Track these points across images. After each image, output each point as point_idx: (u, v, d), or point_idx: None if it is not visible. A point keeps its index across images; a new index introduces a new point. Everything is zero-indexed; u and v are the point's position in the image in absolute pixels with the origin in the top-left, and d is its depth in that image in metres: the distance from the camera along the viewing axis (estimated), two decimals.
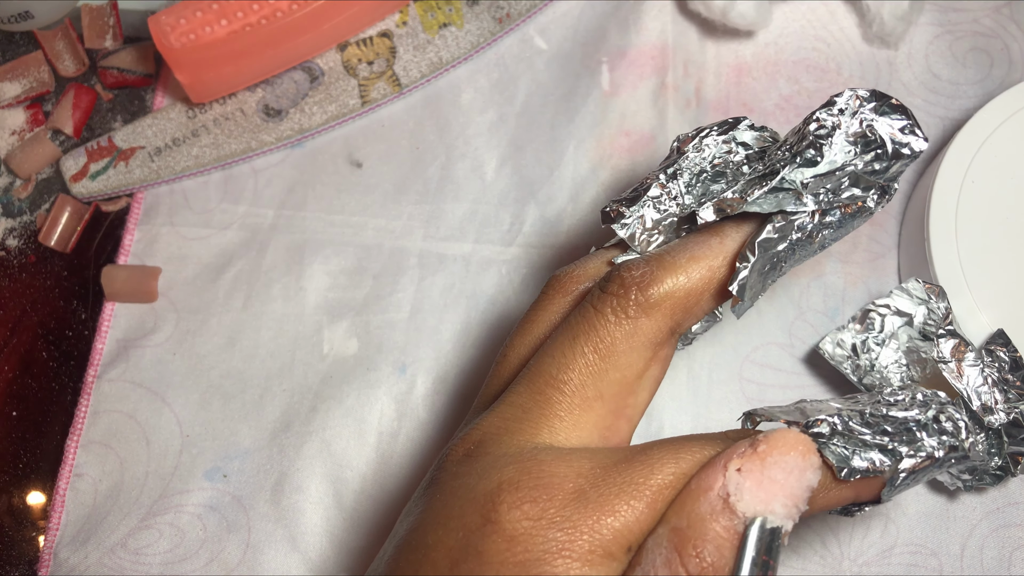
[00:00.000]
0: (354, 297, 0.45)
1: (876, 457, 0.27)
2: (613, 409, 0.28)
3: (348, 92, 0.48)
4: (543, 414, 0.28)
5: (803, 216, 0.30)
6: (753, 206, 0.29)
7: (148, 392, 0.44)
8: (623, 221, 0.32)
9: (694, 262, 0.29)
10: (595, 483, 0.25)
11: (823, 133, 0.29)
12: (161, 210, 0.47)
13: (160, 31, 0.44)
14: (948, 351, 0.37)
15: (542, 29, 0.49)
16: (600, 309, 0.28)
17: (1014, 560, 0.40)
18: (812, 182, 0.29)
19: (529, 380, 0.29)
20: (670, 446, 0.26)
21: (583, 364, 0.28)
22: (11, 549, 0.42)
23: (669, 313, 0.28)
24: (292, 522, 0.42)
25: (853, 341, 0.40)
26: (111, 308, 0.45)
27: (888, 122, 0.29)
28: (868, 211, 0.30)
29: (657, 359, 0.29)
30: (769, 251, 0.29)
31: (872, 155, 0.29)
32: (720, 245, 0.30)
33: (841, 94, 0.30)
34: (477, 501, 0.26)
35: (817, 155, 0.29)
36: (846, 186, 0.30)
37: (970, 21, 0.49)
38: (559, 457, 0.26)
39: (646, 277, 0.28)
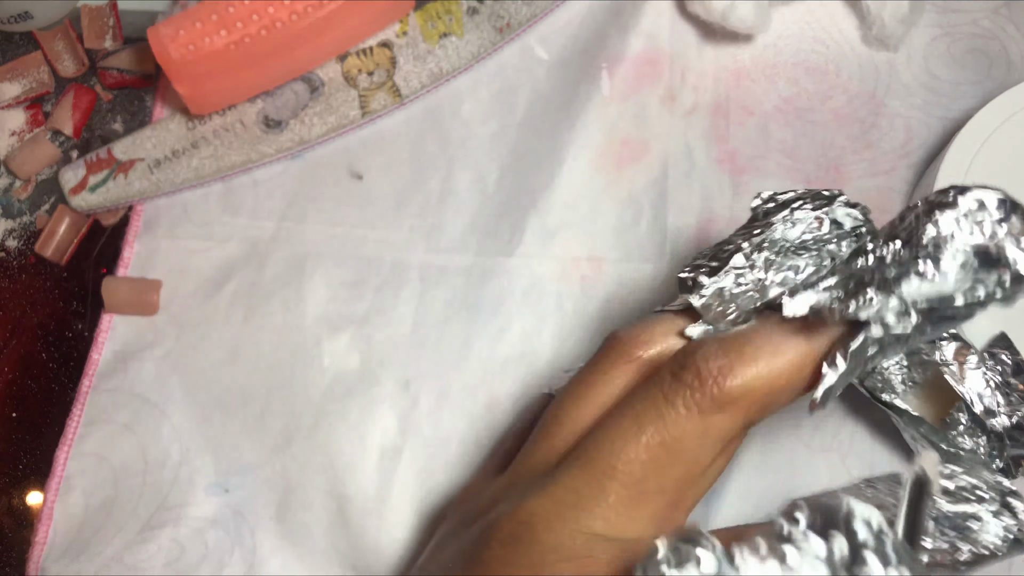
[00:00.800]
0: (355, 310, 0.45)
1: (936, 552, 0.26)
2: (671, 503, 0.27)
3: (348, 103, 0.48)
4: (597, 503, 0.26)
5: (906, 330, 0.26)
6: (857, 314, 0.26)
7: (147, 404, 0.44)
8: (701, 292, 0.30)
9: (778, 357, 0.27)
10: None
11: (940, 242, 0.26)
12: (161, 222, 0.47)
13: (159, 42, 0.44)
14: (951, 354, 0.37)
15: (543, 38, 0.49)
16: (671, 400, 0.27)
17: (1015, 559, 0.40)
18: (924, 302, 0.26)
19: (585, 463, 0.27)
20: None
21: (647, 458, 0.26)
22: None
23: (745, 410, 0.27)
24: (298, 539, 0.41)
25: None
26: (108, 319, 0.45)
27: (1016, 236, 0.26)
28: (968, 317, 0.27)
29: (724, 454, 0.28)
30: (860, 358, 0.27)
31: (995, 278, 0.26)
32: (807, 343, 0.27)
33: (965, 193, 0.26)
34: None
35: (934, 270, 0.26)
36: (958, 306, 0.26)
37: (968, 22, 0.49)
38: (612, 553, 0.25)
39: (724, 371, 0.26)
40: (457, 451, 0.43)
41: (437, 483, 0.42)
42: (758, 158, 0.47)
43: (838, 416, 0.43)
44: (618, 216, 0.46)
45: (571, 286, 0.45)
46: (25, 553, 0.42)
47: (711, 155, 0.47)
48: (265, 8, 0.44)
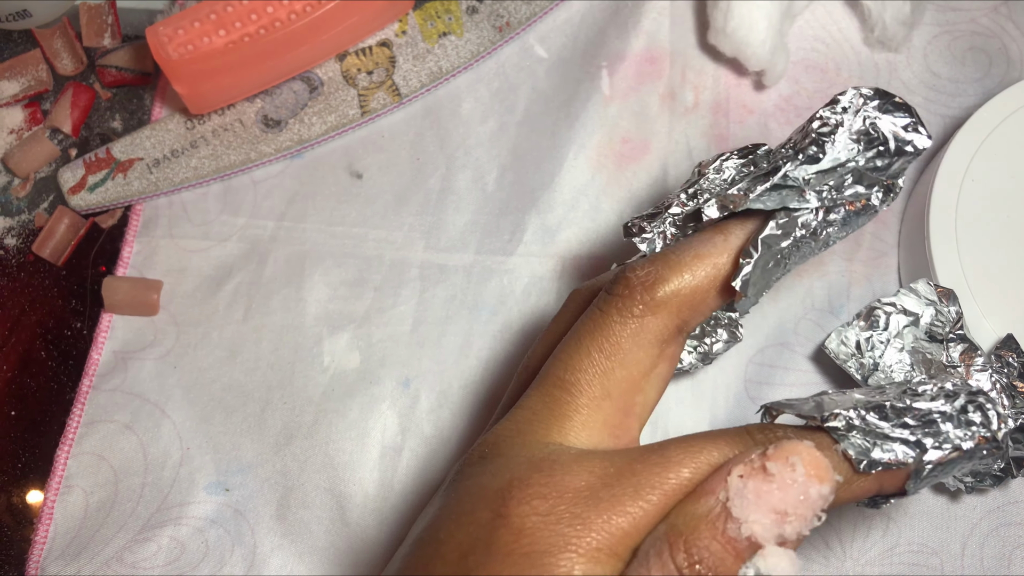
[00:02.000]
0: (355, 309, 0.45)
1: (899, 449, 0.27)
2: (622, 407, 0.28)
3: (348, 102, 0.47)
4: (553, 415, 0.28)
5: (806, 213, 0.30)
6: (756, 203, 0.29)
7: (147, 403, 0.44)
8: (644, 235, 0.33)
9: (699, 260, 0.29)
10: (608, 482, 0.25)
11: (826, 130, 0.30)
12: (160, 222, 0.47)
13: (158, 42, 0.44)
14: (957, 356, 0.37)
15: (542, 37, 0.49)
16: (605, 310, 0.29)
17: (1014, 559, 0.40)
18: (815, 178, 0.29)
19: (539, 383, 0.29)
20: (687, 447, 0.26)
21: (588, 364, 0.28)
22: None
23: (675, 311, 0.29)
24: (298, 537, 0.41)
25: (857, 338, 0.40)
26: (108, 319, 0.45)
27: (891, 120, 0.30)
28: (872, 209, 0.31)
29: (664, 357, 0.29)
30: (773, 247, 0.29)
31: (875, 152, 0.29)
32: (724, 242, 0.30)
33: (845, 92, 0.30)
34: (488, 498, 0.26)
35: (819, 152, 0.29)
36: (849, 183, 0.30)
37: (968, 21, 0.49)
38: (571, 456, 0.27)
39: (651, 276, 0.29)
40: (457, 449, 0.43)
41: (437, 481, 0.42)
42: None
43: None
44: (618, 215, 0.46)
45: (571, 285, 0.45)
46: (25, 551, 0.41)
47: (711, 153, 0.47)
48: (264, 8, 0.44)
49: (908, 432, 0.27)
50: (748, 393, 0.43)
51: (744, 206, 0.30)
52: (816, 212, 0.30)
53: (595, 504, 0.25)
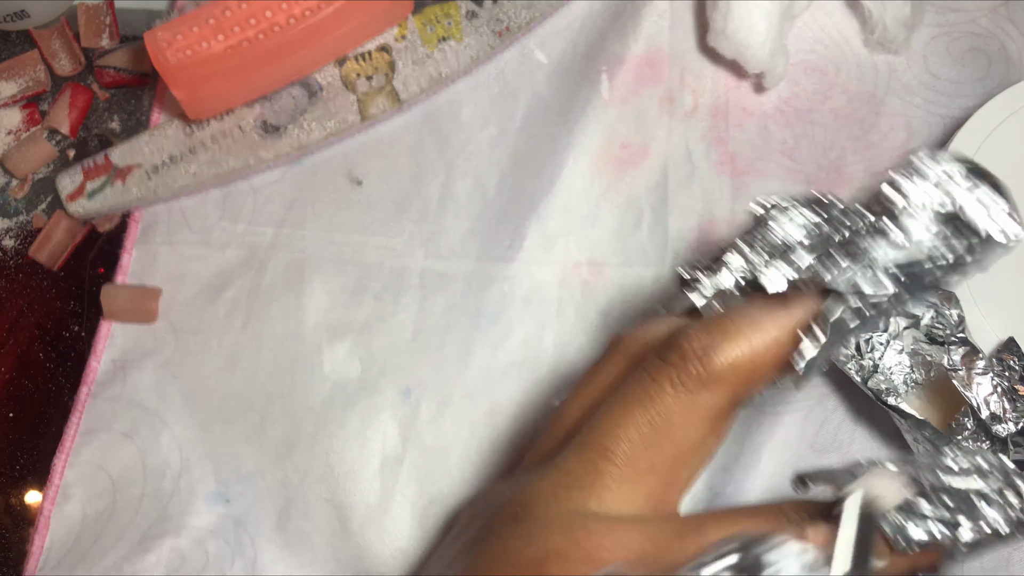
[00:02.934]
0: (355, 317, 0.45)
1: (935, 529, 0.26)
2: (666, 481, 0.27)
3: (347, 108, 0.47)
4: (593, 484, 0.27)
5: (882, 299, 0.28)
6: (831, 284, 0.27)
7: (146, 412, 0.43)
8: (699, 288, 0.31)
9: (760, 333, 0.27)
10: (644, 560, 0.25)
11: (911, 211, 0.27)
12: (159, 229, 0.46)
13: (156, 47, 0.43)
14: (959, 359, 0.37)
15: (542, 42, 0.49)
16: (658, 379, 0.27)
17: (1013, 558, 0.40)
18: (895, 269, 0.27)
19: (579, 446, 0.28)
20: (723, 525, 0.25)
21: (636, 436, 0.27)
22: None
23: (731, 387, 0.27)
24: (298, 548, 0.41)
25: (856, 339, 0.40)
26: (107, 327, 0.45)
27: (984, 203, 0.27)
28: (947, 286, 0.29)
29: (715, 433, 0.28)
30: (840, 329, 0.28)
31: (965, 244, 0.27)
32: (788, 316, 0.28)
33: (932, 162, 0.28)
34: (523, 567, 0.25)
35: (905, 237, 0.27)
36: (931, 271, 0.28)
37: (967, 22, 0.49)
38: (608, 529, 0.26)
39: (708, 349, 0.27)
40: (459, 459, 0.42)
41: (438, 492, 0.42)
42: (758, 160, 0.47)
43: (840, 417, 0.42)
44: (619, 220, 0.46)
45: (572, 291, 0.45)
46: (22, 553, 0.41)
47: (711, 157, 0.47)
48: (262, 12, 0.44)
49: (946, 512, 0.26)
50: None
51: (816, 289, 0.28)
52: (891, 296, 0.28)
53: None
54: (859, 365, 0.40)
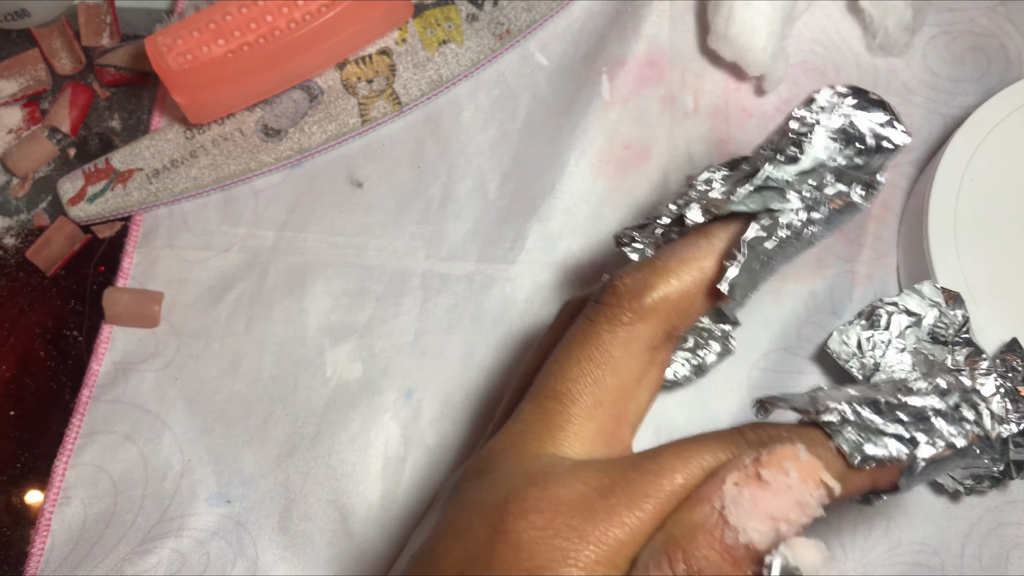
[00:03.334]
0: (357, 319, 0.45)
1: (892, 445, 0.27)
2: (614, 415, 0.29)
3: (348, 111, 0.47)
4: (546, 427, 0.28)
5: (789, 213, 0.30)
6: (738, 205, 0.30)
7: (147, 414, 0.43)
8: (634, 245, 0.33)
9: (684, 264, 0.29)
10: (603, 493, 0.25)
11: (804, 130, 0.30)
12: (160, 232, 0.47)
13: (157, 52, 0.43)
14: (962, 359, 0.37)
15: (543, 45, 0.49)
16: (594, 319, 0.29)
17: (1012, 558, 0.40)
18: (795, 179, 0.30)
19: (531, 395, 0.29)
20: (679, 453, 0.26)
21: (579, 373, 0.28)
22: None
23: (664, 318, 0.29)
24: (300, 549, 0.41)
25: (858, 338, 0.40)
26: (108, 330, 0.45)
27: (868, 117, 0.30)
28: (855, 207, 0.31)
29: (655, 363, 0.30)
30: (757, 249, 0.29)
31: (853, 150, 0.30)
32: (709, 246, 0.30)
33: (820, 91, 0.30)
34: (485, 513, 0.26)
35: (799, 152, 0.29)
36: (830, 182, 0.30)
37: (966, 21, 0.49)
38: (565, 468, 0.27)
39: (638, 284, 0.29)
40: (460, 460, 0.42)
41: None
42: None
43: None
44: (620, 221, 0.46)
45: (573, 292, 0.45)
46: (22, 553, 0.41)
47: (712, 158, 0.47)
48: (263, 16, 0.44)
49: (902, 428, 0.27)
50: (752, 398, 0.43)
51: (727, 209, 0.30)
52: (798, 212, 0.30)
53: (591, 516, 0.25)
54: (860, 363, 0.40)
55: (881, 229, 0.45)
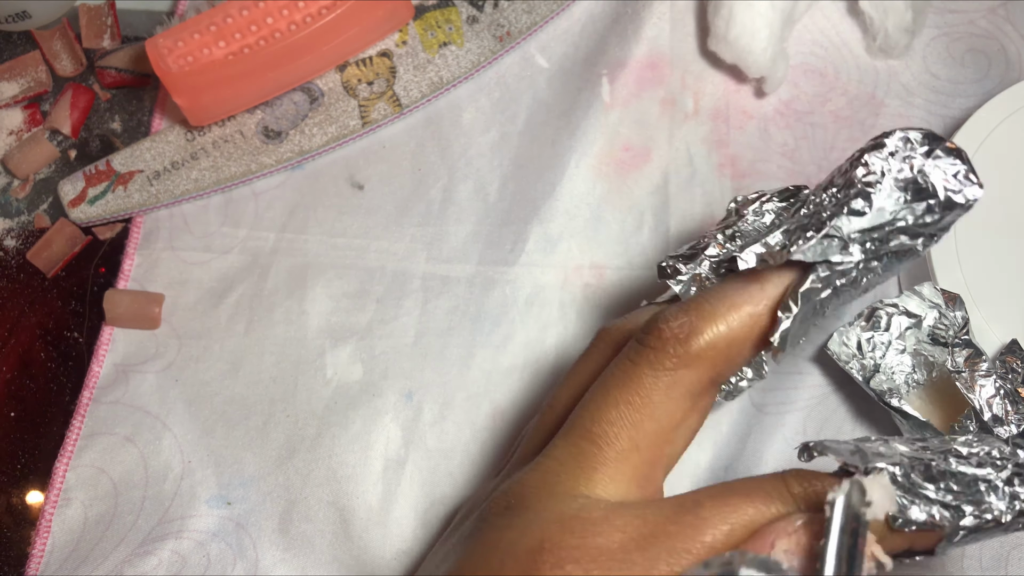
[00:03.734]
0: (358, 321, 0.45)
1: (937, 512, 0.26)
2: (649, 459, 0.28)
3: (348, 113, 0.47)
4: (580, 467, 0.27)
5: (849, 265, 0.28)
6: (797, 255, 0.28)
7: (148, 416, 0.43)
8: (679, 277, 0.32)
9: (734, 310, 0.28)
10: (641, 545, 0.25)
11: (871, 179, 0.28)
12: (161, 234, 0.47)
13: (157, 54, 0.43)
14: (962, 361, 0.37)
15: (543, 47, 0.49)
16: (637, 361, 0.28)
17: (1011, 559, 0.40)
18: (859, 234, 0.28)
19: (566, 433, 0.28)
20: (720, 504, 0.25)
21: (617, 417, 0.28)
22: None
23: (710, 365, 0.28)
24: (300, 551, 0.41)
25: (858, 339, 0.40)
26: (109, 332, 0.45)
27: (942, 168, 0.28)
28: (916, 253, 0.29)
29: (696, 409, 0.29)
30: (812, 300, 0.28)
31: (924, 207, 0.28)
32: (761, 292, 0.29)
33: (891, 135, 0.28)
34: (519, 558, 0.25)
35: (866, 205, 0.28)
36: (896, 236, 0.28)
37: (966, 23, 0.49)
38: (602, 515, 0.26)
39: (685, 328, 0.28)
40: (461, 462, 0.42)
41: (441, 494, 0.42)
42: (759, 162, 0.47)
43: (841, 417, 0.42)
44: (620, 223, 0.46)
45: (574, 294, 0.45)
46: (23, 554, 0.41)
47: (712, 160, 0.47)
48: (264, 18, 0.44)
49: (951, 496, 0.26)
50: (751, 400, 0.43)
51: (784, 260, 0.28)
52: (858, 264, 0.28)
53: (629, 568, 0.24)
54: (860, 365, 0.40)
55: None
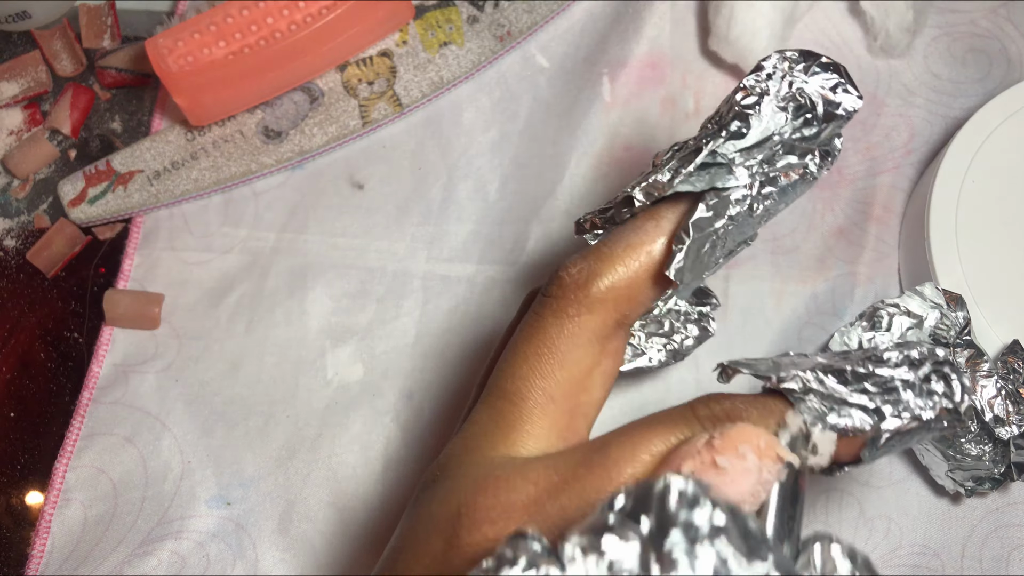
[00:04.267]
0: (358, 321, 0.45)
1: (857, 416, 0.25)
2: (567, 409, 0.28)
3: (349, 113, 0.47)
4: (499, 428, 0.27)
5: (738, 190, 0.28)
6: (684, 185, 0.28)
7: (147, 416, 0.43)
8: (596, 232, 0.32)
9: (631, 250, 0.28)
10: (553, 494, 0.25)
11: (750, 102, 0.28)
12: (161, 234, 0.47)
13: (158, 54, 0.43)
14: (964, 361, 0.37)
15: (543, 46, 0.49)
16: (540, 313, 0.28)
17: (1012, 559, 0.40)
18: (742, 154, 0.28)
19: (484, 397, 0.29)
20: (628, 444, 0.25)
21: (527, 370, 0.28)
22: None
23: (612, 307, 0.28)
24: (300, 551, 0.41)
25: (859, 339, 0.40)
26: (109, 332, 0.45)
27: (819, 82, 0.28)
28: (811, 176, 0.29)
29: (607, 353, 0.29)
30: (706, 230, 0.28)
31: (802, 120, 0.28)
32: (656, 229, 0.28)
33: (769, 57, 0.29)
34: (441, 527, 0.25)
35: (744, 126, 0.28)
36: (780, 155, 0.28)
37: (967, 23, 0.49)
38: (515, 470, 0.26)
39: (583, 273, 0.28)
40: None
41: None
42: None
43: None
44: None
45: None
46: (22, 554, 0.41)
47: None
48: (264, 18, 0.44)
49: (867, 398, 0.26)
50: None
51: (671, 191, 0.28)
52: (749, 187, 0.28)
53: (543, 519, 0.24)
54: None
55: (882, 230, 0.45)
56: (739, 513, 0.19)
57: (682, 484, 0.19)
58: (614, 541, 0.19)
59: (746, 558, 0.18)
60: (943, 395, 0.26)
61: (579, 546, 0.19)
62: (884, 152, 0.47)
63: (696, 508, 0.19)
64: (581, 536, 0.19)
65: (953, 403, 0.26)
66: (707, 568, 0.18)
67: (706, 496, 0.19)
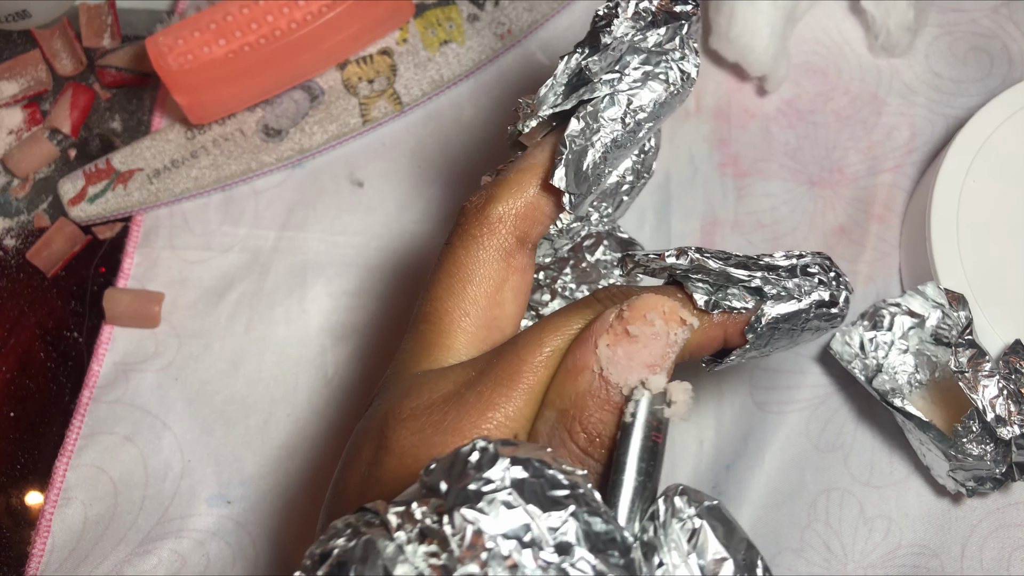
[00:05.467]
0: (358, 319, 0.45)
1: (737, 292, 0.28)
2: (483, 323, 0.30)
3: (349, 111, 0.47)
4: (422, 347, 0.30)
5: (603, 101, 0.30)
6: (547, 104, 0.30)
7: (148, 415, 0.43)
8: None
9: (523, 173, 0.31)
10: (470, 384, 0.27)
11: (603, 24, 0.30)
12: (161, 233, 0.47)
13: (158, 52, 0.43)
14: (965, 361, 0.37)
15: (544, 45, 0.49)
16: (450, 241, 0.31)
17: (1013, 560, 0.40)
18: (595, 62, 0.30)
19: (409, 326, 0.31)
20: (535, 331, 0.28)
21: (440, 291, 0.30)
22: None
23: (512, 224, 0.30)
24: (300, 551, 0.41)
25: (861, 338, 0.40)
26: (109, 331, 0.45)
27: (659, 2, 0.30)
28: (675, 87, 0.31)
29: (512, 269, 0.31)
30: (581, 142, 0.30)
31: (644, 23, 0.30)
32: (542, 153, 0.31)
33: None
34: (371, 435, 0.28)
35: (596, 41, 0.30)
36: (636, 64, 0.30)
37: (968, 22, 0.49)
38: (437, 374, 0.28)
39: (482, 199, 0.31)
40: None
41: None
42: (761, 161, 0.47)
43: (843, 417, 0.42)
44: (621, 222, 0.46)
45: None
46: (23, 553, 0.41)
47: (713, 159, 0.47)
48: (264, 17, 0.44)
49: (749, 276, 0.28)
50: (753, 399, 0.43)
51: (541, 112, 0.31)
52: (613, 98, 0.30)
53: (462, 407, 0.26)
54: (863, 364, 0.40)
55: (883, 230, 0.45)
56: (543, 463, 0.21)
57: (483, 443, 0.21)
58: (417, 506, 0.21)
59: (541, 509, 0.20)
60: (820, 282, 0.29)
61: (394, 512, 0.21)
62: (885, 151, 0.46)
63: (493, 466, 0.21)
64: (397, 505, 0.21)
65: (830, 290, 0.29)
66: (510, 523, 0.20)
67: (503, 456, 0.21)
